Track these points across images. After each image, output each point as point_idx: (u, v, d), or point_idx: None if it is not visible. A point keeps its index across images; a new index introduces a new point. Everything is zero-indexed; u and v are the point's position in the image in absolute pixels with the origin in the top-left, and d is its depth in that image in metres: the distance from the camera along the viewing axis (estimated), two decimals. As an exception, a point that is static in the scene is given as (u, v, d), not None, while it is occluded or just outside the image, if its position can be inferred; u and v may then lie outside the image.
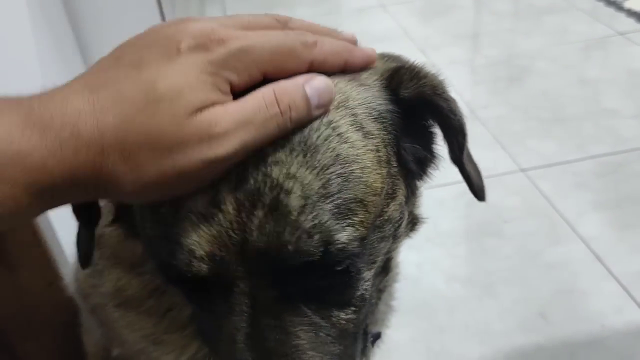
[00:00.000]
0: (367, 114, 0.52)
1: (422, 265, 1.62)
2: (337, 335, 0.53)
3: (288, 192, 0.46)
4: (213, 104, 0.43)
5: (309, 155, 0.47)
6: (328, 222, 0.47)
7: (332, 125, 0.49)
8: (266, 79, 0.46)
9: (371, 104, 0.53)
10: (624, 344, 1.35)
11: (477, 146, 0.76)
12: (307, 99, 0.46)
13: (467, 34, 2.92)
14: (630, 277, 1.52)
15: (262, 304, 0.49)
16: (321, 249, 0.47)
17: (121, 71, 0.44)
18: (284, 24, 0.51)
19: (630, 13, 2.90)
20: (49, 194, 0.43)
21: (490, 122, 2.18)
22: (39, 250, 1.03)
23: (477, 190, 0.65)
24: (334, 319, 0.53)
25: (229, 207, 0.46)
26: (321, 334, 0.52)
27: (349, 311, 0.54)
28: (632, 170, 1.88)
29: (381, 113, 0.53)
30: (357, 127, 0.51)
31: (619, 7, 2.96)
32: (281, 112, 0.45)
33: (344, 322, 0.54)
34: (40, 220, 1.01)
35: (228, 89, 0.45)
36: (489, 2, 3.29)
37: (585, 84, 2.38)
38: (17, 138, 0.41)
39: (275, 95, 0.45)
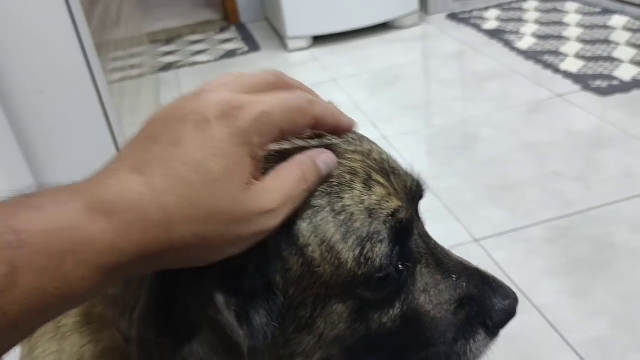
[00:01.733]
0: None
1: (384, 349, 1.63)
2: None
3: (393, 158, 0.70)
4: (255, 178, 0.52)
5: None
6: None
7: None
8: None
9: None
10: (585, 419, 1.37)
11: (431, 218, 0.80)
12: (320, 172, 0.58)
13: (416, 105, 3.04)
14: (585, 345, 1.55)
15: (424, 234, 0.68)
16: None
17: (162, 150, 0.50)
18: (281, 78, 0.60)
19: (567, 75, 3.06)
20: (121, 271, 0.48)
21: (442, 193, 2.24)
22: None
23: None
24: None
25: (381, 180, 0.64)
26: None
27: None
28: (580, 233, 1.95)
29: None
30: None
31: (556, 70, 3.13)
32: (309, 188, 0.57)
33: None
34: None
35: (260, 152, 0.53)
36: (435, 71, 3.45)
37: (529, 148, 2.48)
38: (86, 224, 0.46)
39: (303, 174, 0.56)
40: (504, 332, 1.80)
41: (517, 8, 4.16)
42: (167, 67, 4.03)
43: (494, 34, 3.76)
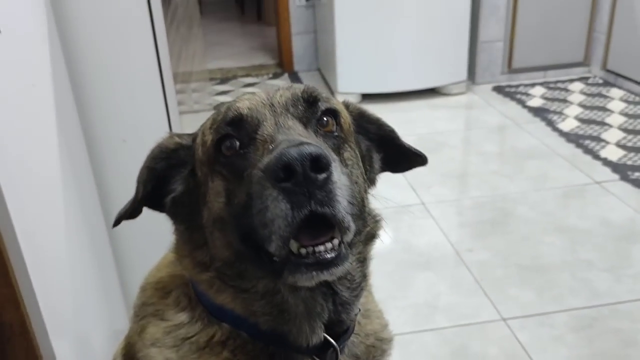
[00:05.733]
0: None
1: (405, 416, 1.69)
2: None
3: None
4: None
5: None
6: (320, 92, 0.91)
7: None
8: None
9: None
10: None
11: (461, 292, 0.87)
12: None
13: (455, 174, 3.13)
14: None
15: (285, 125, 0.83)
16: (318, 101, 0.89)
17: None
18: None
19: (606, 162, 3.13)
20: None
21: (473, 267, 2.31)
22: None
23: (421, 154, 1.07)
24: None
25: (262, 93, 0.89)
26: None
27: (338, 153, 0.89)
28: (606, 326, 1.99)
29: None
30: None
31: (596, 156, 3.20)
32: None
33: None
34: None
35: None
36: (477, 142, 3.55)
37: (563, 232, 2.54)
38: None
39: None
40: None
41: (563, 88, 4.27)
42: (220, 106, 4.22)
43: (538, 111, 3.86)
